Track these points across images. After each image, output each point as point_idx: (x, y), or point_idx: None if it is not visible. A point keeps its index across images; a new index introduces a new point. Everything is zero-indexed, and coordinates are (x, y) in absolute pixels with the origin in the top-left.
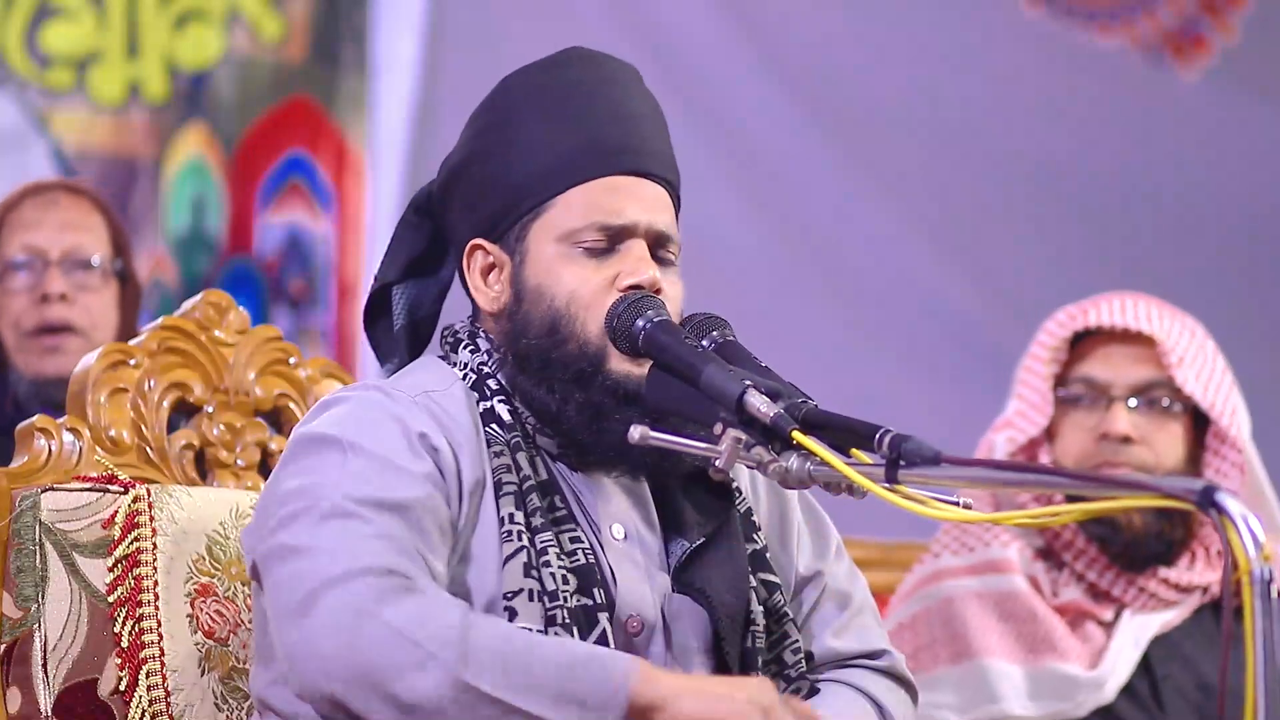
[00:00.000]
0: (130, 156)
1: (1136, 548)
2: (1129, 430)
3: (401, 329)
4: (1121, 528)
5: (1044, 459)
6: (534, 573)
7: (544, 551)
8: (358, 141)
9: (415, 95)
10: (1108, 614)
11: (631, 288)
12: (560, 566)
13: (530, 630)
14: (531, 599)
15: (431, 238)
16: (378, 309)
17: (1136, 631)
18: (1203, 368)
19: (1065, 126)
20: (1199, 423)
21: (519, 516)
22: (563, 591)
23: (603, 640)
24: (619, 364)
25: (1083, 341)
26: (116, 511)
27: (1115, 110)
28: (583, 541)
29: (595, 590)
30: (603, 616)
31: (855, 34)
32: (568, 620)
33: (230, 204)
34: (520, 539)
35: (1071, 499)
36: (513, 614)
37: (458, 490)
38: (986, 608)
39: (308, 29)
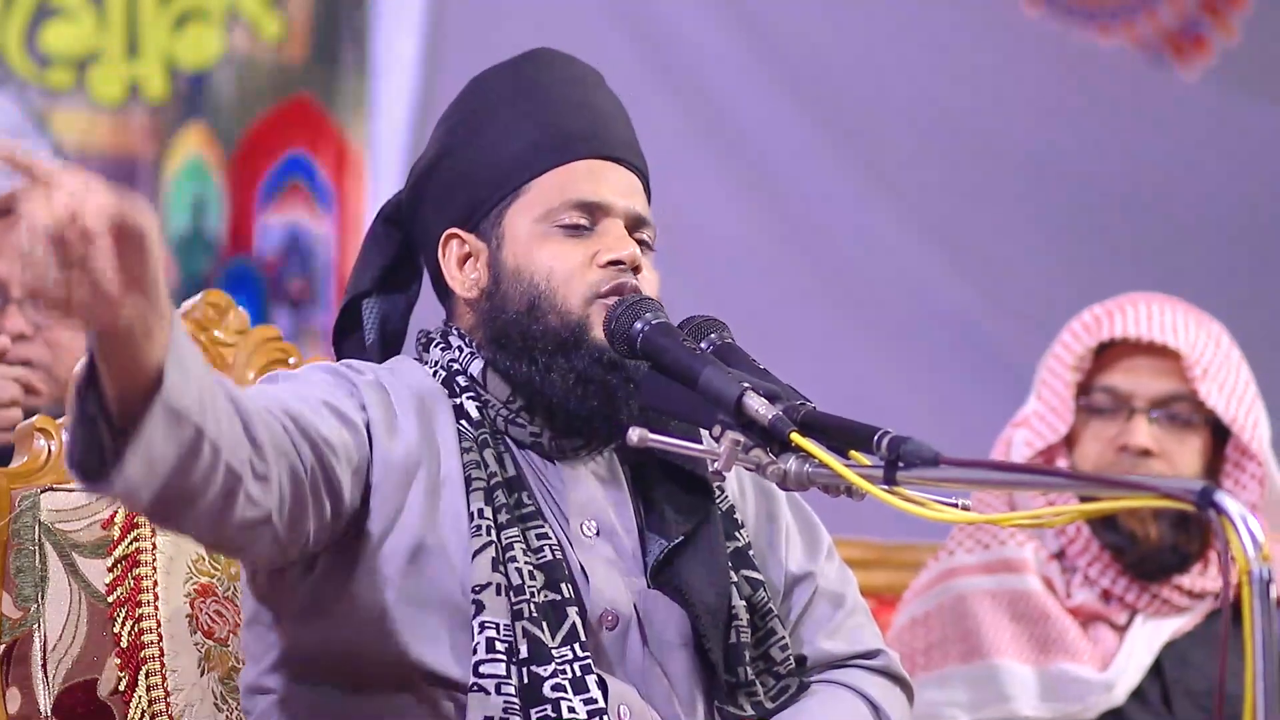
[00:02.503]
0: (130, 156)
1: (1152, 560)
2: (1149, 444)
3: (374, 343)
4: (1138, 540)
5: (1062, 465)
6: (501, 567)
7: (510, 547)
8: (358, 141)
9: (415, 95)
10: (1121, 618)
11: (611, 263)
12: (526, 562)
13: None
14: (499, 593)
15: (400, 249)
16: (346, 325)
17: (1149, 636)
18: (1226, 379)
19: (1065, 126)
20: (1219, 434)
21: (487, 512)
22: (529, 586)
23: (573, 634)
24: (602, 332)
25: (1107, 349)
26: (116, 512)
27: (1115, 110)
28: (550, 538)
29: (563, 585)
30: (571, 611)
31: (855, 34)
32: (535, 614)
33: (230, 204)
34: (489, 534)
35: (1083, 499)
36: (480, 606)
37: (393, 457)
38: (999, 607)
39: (308, 29)
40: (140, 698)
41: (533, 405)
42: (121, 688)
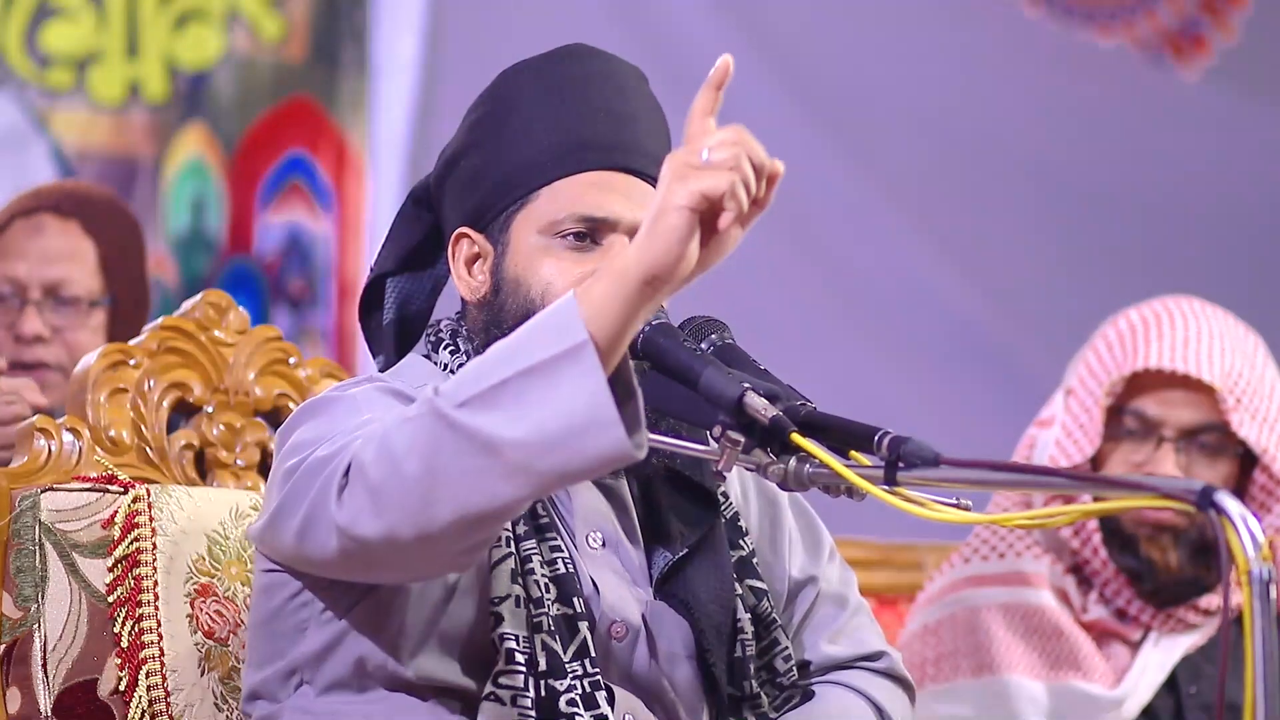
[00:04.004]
0: (130, 156)
1: (1169, 590)
2: (1176, 474)
3: (390, 323)
4: (1157, 569)
5: None
6: (519, 580)
7: (528, 559)
8: (358, 141)
9: (415, 95)
10: (1135, 634)
11: None
12: (543, 575)
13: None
14: (518, 605)
15: (428, 230)
16: (373, 301)
17: (1163, 652)
18: (1259, 407)
19: (1065, 126)
20: (1250, 455)
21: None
22: (546, 599)
23: (584, 650)
24: None
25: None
26: (116, 511)
27: (1115, 110)
28: (562, 550)
29: (575, 599)
30: (583, 625)
31: (856, 35)
32: (552, 628)
33: (230, 204)
34: (507, 545)
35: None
36: (499, 619)
37: None
38: (1013, 621)
39: (308, 29)
40: (140, 698)
41: None
42: (121, 688)
